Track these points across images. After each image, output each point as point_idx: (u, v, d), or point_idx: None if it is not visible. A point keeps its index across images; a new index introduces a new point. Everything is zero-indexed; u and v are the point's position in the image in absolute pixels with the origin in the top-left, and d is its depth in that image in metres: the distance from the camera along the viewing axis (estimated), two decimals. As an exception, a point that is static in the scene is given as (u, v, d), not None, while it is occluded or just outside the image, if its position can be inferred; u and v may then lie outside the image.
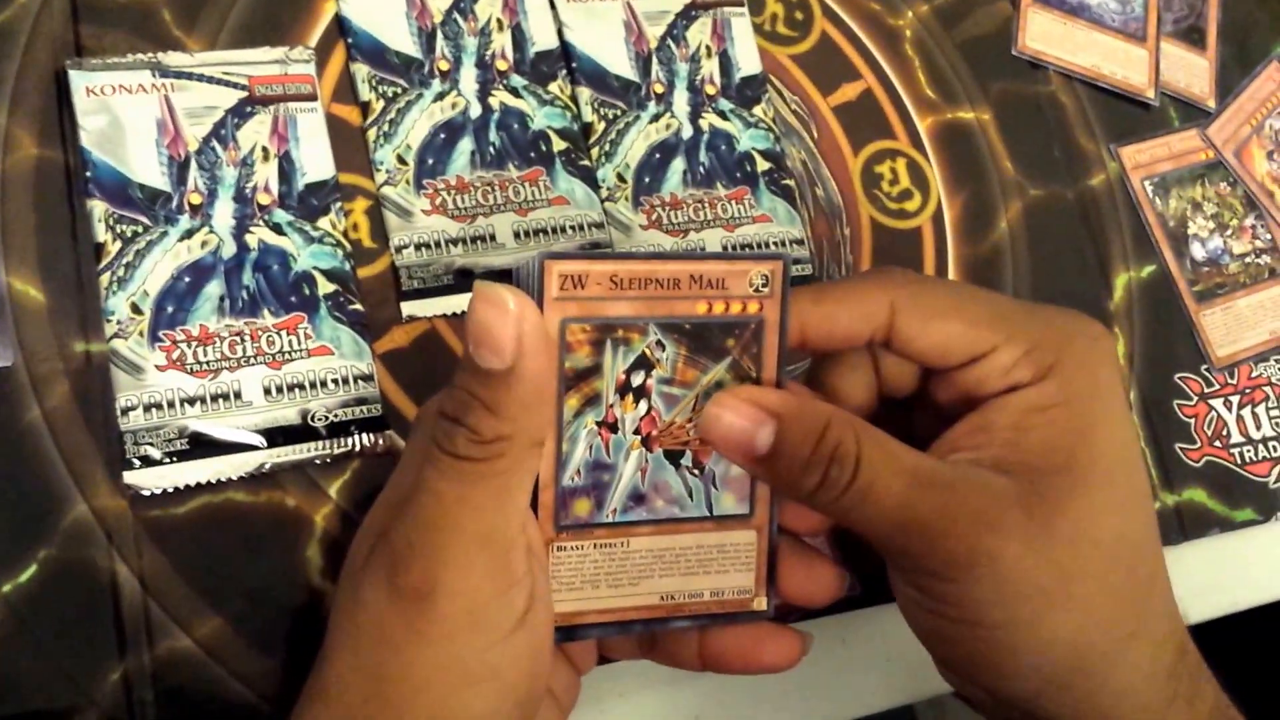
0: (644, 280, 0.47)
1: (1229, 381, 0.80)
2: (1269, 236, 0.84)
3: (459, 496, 0.45)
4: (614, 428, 0.50)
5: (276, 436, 0.58)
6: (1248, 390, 0.80)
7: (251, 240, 0.61)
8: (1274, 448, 0.79)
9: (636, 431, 0.50)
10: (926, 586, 0.49)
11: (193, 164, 0.61)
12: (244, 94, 0.63)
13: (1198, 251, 0.82)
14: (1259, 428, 0.79)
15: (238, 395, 0.58)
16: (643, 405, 0.50)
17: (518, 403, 0.45)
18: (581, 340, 0.48)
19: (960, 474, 0.48)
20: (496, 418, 0.44)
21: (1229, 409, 0.79)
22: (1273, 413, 0.80)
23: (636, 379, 0.49)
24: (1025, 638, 0.47)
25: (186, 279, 0.59)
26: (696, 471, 0.52)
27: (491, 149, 0.67)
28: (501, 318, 0.43)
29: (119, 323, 0.57)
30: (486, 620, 0.46)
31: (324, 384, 0.60)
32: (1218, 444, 0.78)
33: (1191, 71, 0.87)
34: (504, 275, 0.59)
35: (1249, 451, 0.78)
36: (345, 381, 0.60)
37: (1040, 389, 0.49)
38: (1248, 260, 0.83)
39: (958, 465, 0.49)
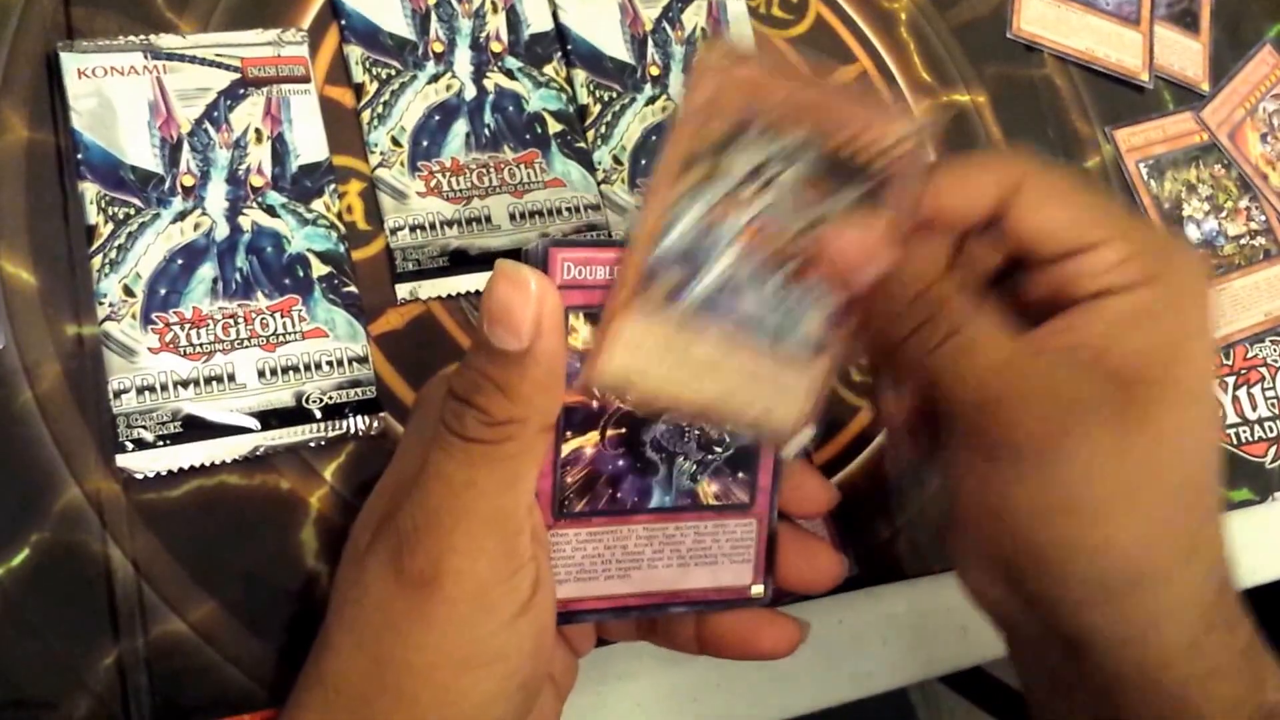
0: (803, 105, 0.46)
1: (1225, 362, 0.80)
2: (1263, 218, 0.84)
3: (467, 480, 0.45)
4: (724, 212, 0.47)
5: (270, 419, 0.58)
6: (1243, 371, 0.80)
7: (245, 222, 0.60)
8: (1270, 428, 0.79)
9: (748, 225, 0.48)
10: (994, 469, 0.48)
11: (185, 146, 0.60)
12: (236, 76, 0.62)
13: (1193, 233, 0.82)
14: (1255, 408, 0.79)
15: (231, 378, 0.58)
16: (764, 199, 0.47)
17: (531, 384, 0.44)
18: (722, 120, 0.45)
19: (1060, 361, 0.47)
20: (509, 399, 0.44)
21: (1225, 390, 0.79)
22: (1268, 393, 0.80)
23: (769, 170, 0.47)
24: (1089, 534, 0.47)
25: (179, 261, 0.59)
26: (784, 294, 0.49)
27: (486, 131, 0.66)
28: (523, 297, 0.43)
29: (111, 305, 0.57)
30: (492, 604, 0.45)
31: (318, 366, 0.59)
32: (1214, 426, 0.78)
33: (1185, 54, 0.87)
34: (508, 257, 0.59)
35: (1245, 432, 0.78)
36: (340, 364, 0.60)
37: (1140, 295, 0.48)
38: (1242, 242, 0.83)
39: (1052, 358, 0.48)
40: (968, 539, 0.51)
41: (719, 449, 0.52)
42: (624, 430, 0.50)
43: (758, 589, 0.53)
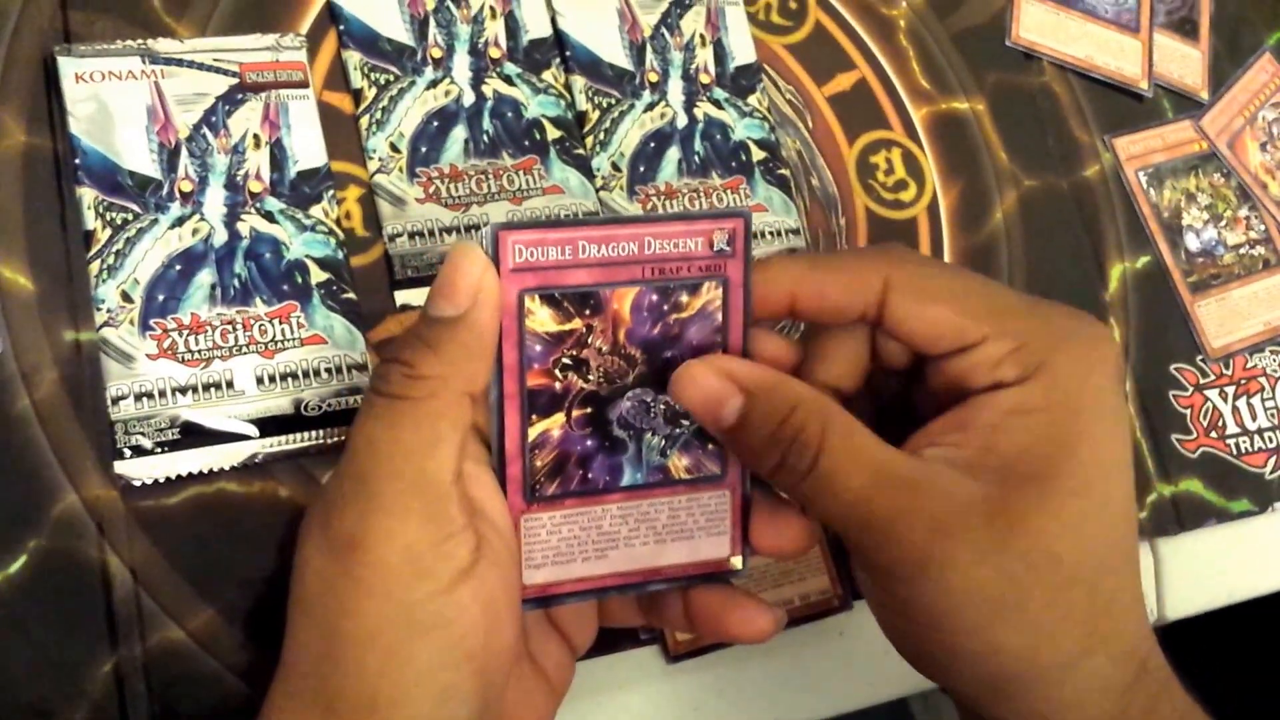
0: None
1: (1224, 372, 0.80)
2: (1263, 227, 0.84)
3: (391, 439, 0.46)
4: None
5: (269, 426, 0.58)
6: (1243, 381, 0.80)
7: (243, 228, 0.60)
8: (1270, 438, 0.79)
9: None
10: (882, 583, 0.49)
11: (183, 151, 0.60)
12: (235, 81, 0.62)
13: (1192, 242, 0.82)
14: (1254, 418, 0.79)
15: (230, 384, 0.58)
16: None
17: (459, 346, 0.46)
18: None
19: (926, 473, 0.47)
20: (435, 355, 0.46)
21: (1224, 400, 0.79)
22: (1268, 403, 0.80)
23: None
24: (969, 644, 0.47)
25: (177, 267, 0.58)
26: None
27: (485, 137, 0.66)
28: (464, 271, 0.46)
29: (109, 311, 0.57)
30: (425, 568, 0.46)
31: (317, 373, 0.59)
32: (1214, 435, 0.78)
33: (1184, 63, 0.87)
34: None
35: (1245, 442, 0.78)
36: (338, 371, 0.59)
37: (1023, 390, 0.48)
38: (1242, 251, 0.83)
39: (928, 463, 0.48)
40: (882, 630, 0.52)
41: (686, 421, 0.52)
42: (589, 410, 0.51)
43: (736, 560, 0.54)
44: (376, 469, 0.46)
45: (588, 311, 0.48)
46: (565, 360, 0.49)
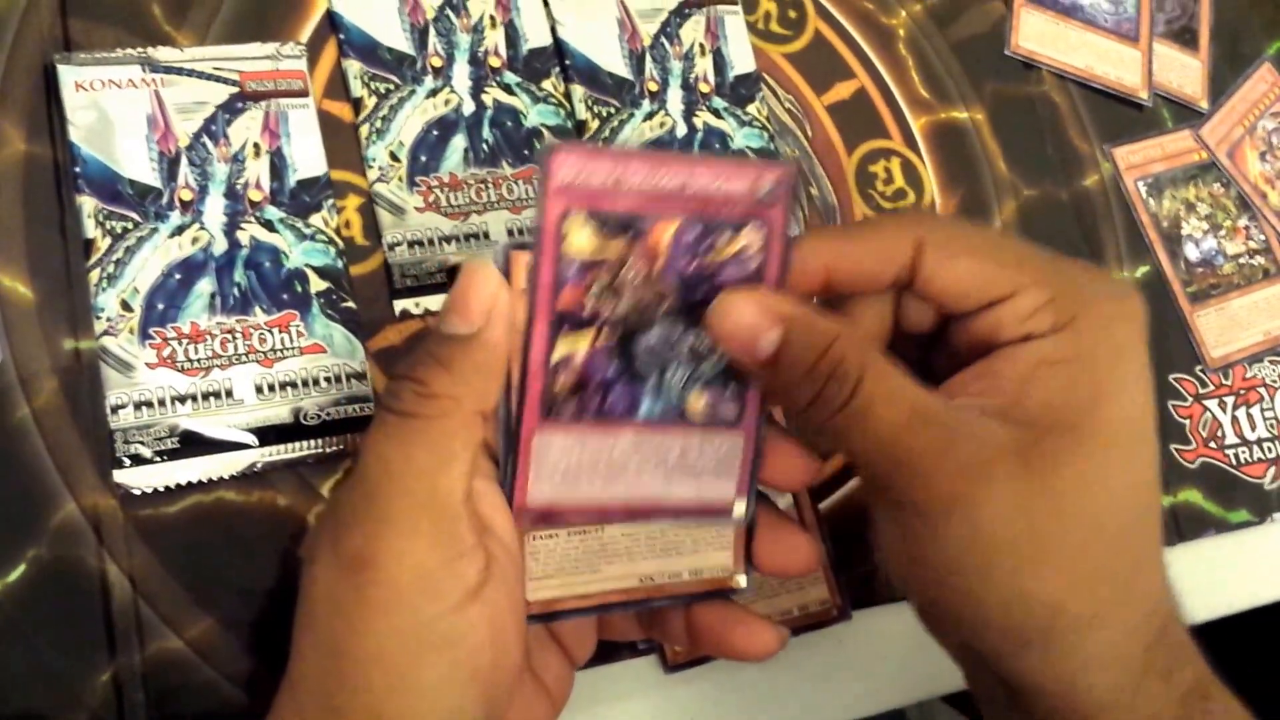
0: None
1: (1224, 382, 0.80)
2: (1262, 237, 0.84)
3: (404, 456, 0.45)
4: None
5: (268, 435, 0.58)
6: (1242, 391, 0.80)
7: (243, 237, 0.60)
8: (1269, 449, 0.79)
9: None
10: (907, 524, 0.48)
11: (183, 160, 0.60)
12: (235, 89, 0.62)
13: (1191, 252, 0.82)
14: (1254, 429, 0.79)
15: (229, 393, 0.57)
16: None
17: (472, 365, 0.46)
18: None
19: (960, 417, 0.47)
20: (448, 373, 0.46)
21: (1224, 410, 0.79)
22: (1267, 414, 0.80)
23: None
24: (995, 591, 0.46)
25: (177, 276, 0.58)
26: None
27: (485, 146, 0.66)
28: (477, 289, 0.45)
29: (109, 320, 0.57)
30: (435, 588, 0.45)
31: (316, 382, 0.59)
32: (1213, 445, 0.78)
33: (1184, 72, 0.87)
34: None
35: (1244, 453, 0.78)
36: (338, 380, 0.59)
37: (1055, 340, 0.48)
38: (1241, 261, 0.83)
39: (961, 408, 0.48)
40: (900, 586, 0.51)
41: (710, 360, 0.51)
42: (617, 337, 0.50)
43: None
44: (387, 487, 0.45)
45: (627, 240, 0.47)
46: (599, 285, 0.48)
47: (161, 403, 0.56)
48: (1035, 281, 0.49)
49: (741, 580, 0.53)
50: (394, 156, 0.64)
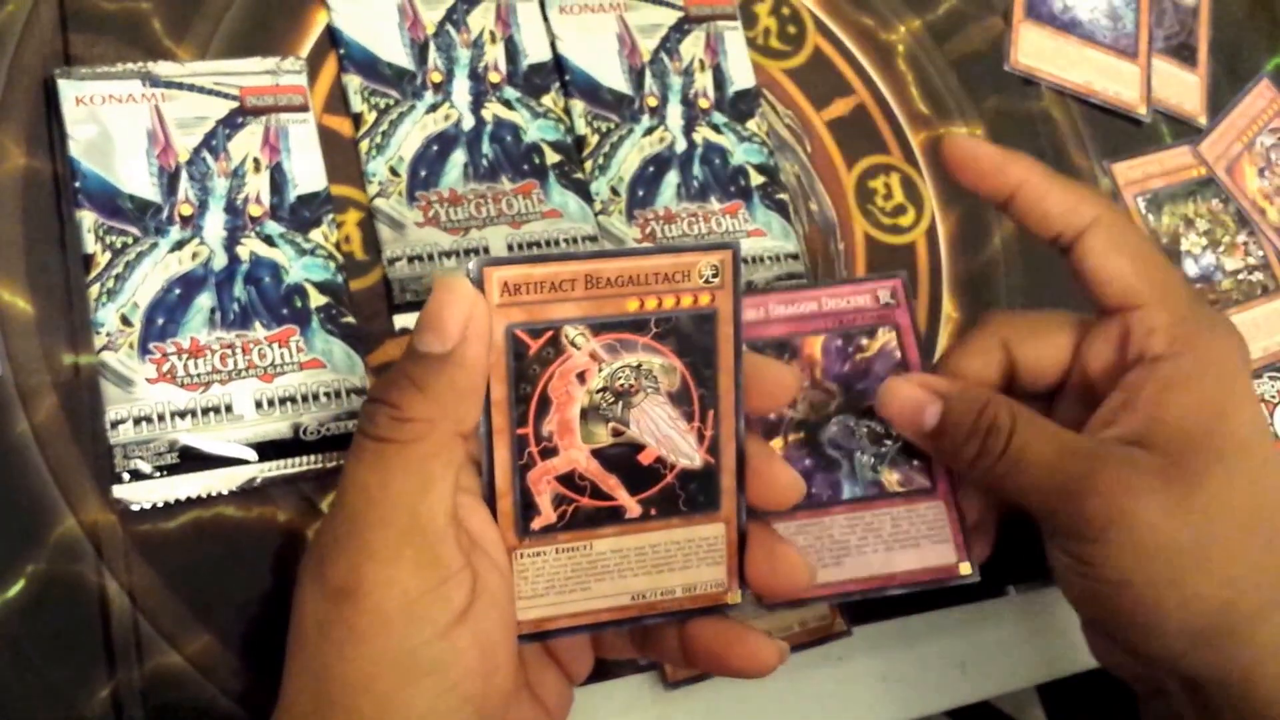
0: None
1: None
2: (1261, 253, 0.84)
3: (381, 483, 0.45)
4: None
5: (268, 450, 0.58)
6: (1242, 407, 0.80)
7: (243, 252, 0.60)
8: (1269, 465, 0.79)
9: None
10: (1074, 549, 0.52)
11: (183, 175, 0.60)
12: (235, 104, 0.62)
13: (1190, 268, 0.82)
14: (1254, 445, 0.79)
15: (229, 408, 0.57)
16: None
17: (449, 386, 0.45)
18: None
19: (1104, 447, 0.52)
20: (423, 396, 0.45)
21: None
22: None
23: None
24: (1169, 595, 0.51)
25: (177, 291, 0.58)
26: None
27: (484, 161, 0.66)
28: (452, 305, 0.45)
29: (108, 335, 0.57)
30: (421, 613, 0.45)
31: (316, 397, 0.59)
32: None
33: (1183, 88, 0.87)
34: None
35: (1244, 468, 0.78)
36: (337, 395, 0.59)
37: (1177, 365, 0.53)
38: (1240, 277, 0.83)
39: (1103, 441, 0.53)
40: (1077, 608, 0.56)
41: (889, 440, 0.58)
42: (803, 434, 0.58)
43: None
44: (367, 515, 0.45)
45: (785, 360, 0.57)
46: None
47: (161, 418, 0.56)
48: (1163, 300, 0.54)
49: (736, 595, 0.53)
50: (394, 171, 0.64)
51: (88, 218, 0.58)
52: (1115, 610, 0.53)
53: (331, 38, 0.66)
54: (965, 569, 0.58)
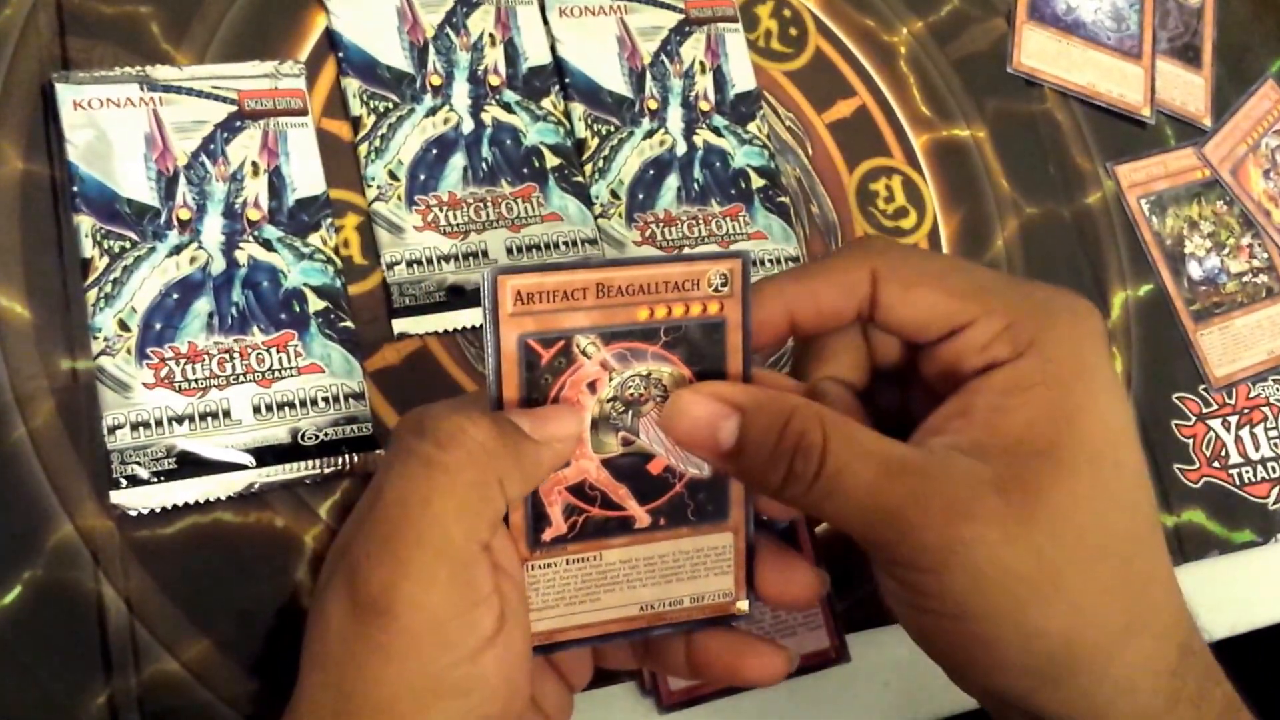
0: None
1: (1227, 402, 0.79)
2: (1266, 255, 0.84)
3: (423, 500, 0.45)
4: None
5: (266, 456, 0.57)
6: (1246, 410, 0.80)
7: (241, 256, 0.60)
8: (1273, 469, 0.79)
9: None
10: (905, 579, 0.46)
11: (181, 179, 0.60)
12: (233, 108, 0.62)
13: (1195, 270, 0.82)
14: (1258, 448, 0.79)
15: (227, 414, 0.57)
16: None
17: (532, 453, 0.47)
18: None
19: (934, 460, 0.46)
20: (471, 421, 0.45)
21: (1227, 429, 0.79)
22: (1271, 433, 0.79)
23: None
24: (1009, 630, 0.45)
25: (175, 295, 0.58)
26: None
27: (484, 165, 0.66)
28: (565, 424, 0.48)
29: (106, 340, 0.56)
30: (450, 638, 0.45)
31: (314, 402, 0.59)
32: (1216, 465, 0.77)
33: (1187, 89, 0.87)
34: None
35: (1248, 472, 0.78)
36: (336, 400, 0.59)
37: (1018, 367, 0.47)
38: (1245, 279, 0.83)
39: (933, 451, 0.47)
40: (914, 639, 0.50)
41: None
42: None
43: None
44: (405, 532, 0.45)
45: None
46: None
47: (159, 423, 0.56)
48: (990, 308, 0.48)
49: (744, 605, 0.53)
50: (393, 175, 0.64)
51: (85, 222, 0.58)
52: (952, 646, 0.47)
53: (330, 41, 0.66)
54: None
